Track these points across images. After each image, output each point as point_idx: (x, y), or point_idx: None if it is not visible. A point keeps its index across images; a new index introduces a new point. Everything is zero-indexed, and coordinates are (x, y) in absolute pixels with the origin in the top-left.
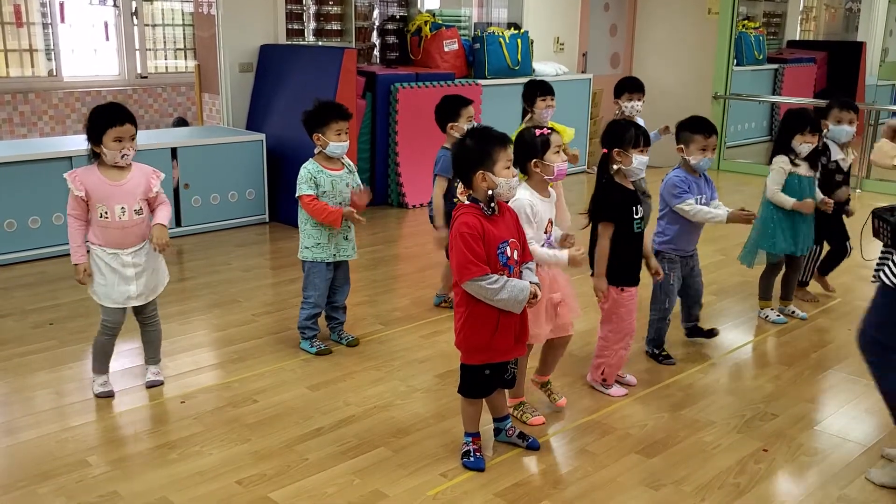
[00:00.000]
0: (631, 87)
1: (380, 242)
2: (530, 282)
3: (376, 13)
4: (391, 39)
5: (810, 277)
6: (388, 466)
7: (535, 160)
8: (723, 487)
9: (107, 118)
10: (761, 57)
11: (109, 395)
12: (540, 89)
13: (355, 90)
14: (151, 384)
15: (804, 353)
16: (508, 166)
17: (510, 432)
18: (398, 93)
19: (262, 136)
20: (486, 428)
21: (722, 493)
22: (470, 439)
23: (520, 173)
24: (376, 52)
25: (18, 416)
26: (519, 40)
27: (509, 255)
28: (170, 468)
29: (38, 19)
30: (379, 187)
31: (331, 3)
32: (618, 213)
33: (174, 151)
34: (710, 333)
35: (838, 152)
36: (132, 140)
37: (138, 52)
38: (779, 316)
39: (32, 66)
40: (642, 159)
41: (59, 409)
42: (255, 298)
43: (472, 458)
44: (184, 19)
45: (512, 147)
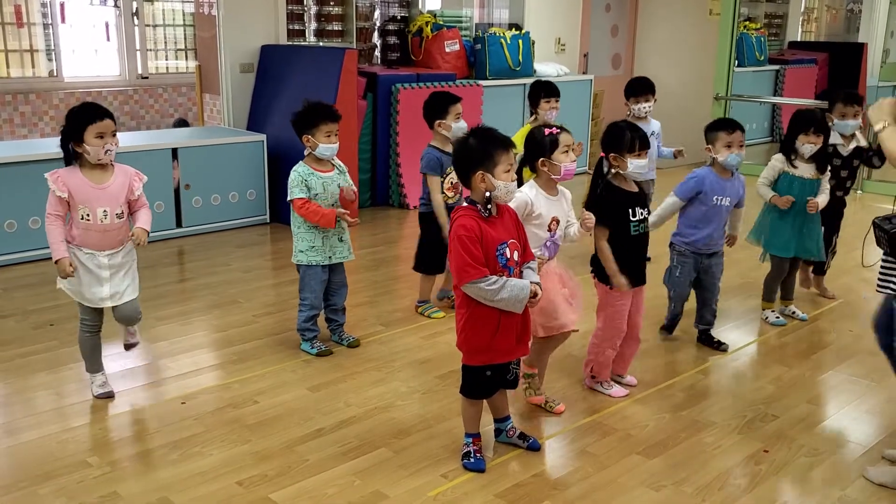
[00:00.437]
0: (639, 88)
1: (381, 243)
2: (531, 281)
3: (377, 14)
4: (392, 40)
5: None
6: (389, 467)
7: (542, 159)
8: (724, 488)
9: (86, 115)
10: (762, 58)
11: (109, 395)
12: (545, 90)
13: (356, 91)
14: (130, 345)
15: (805, 354)
16: (509, 170)
17: (511, 433)
18: (399, 93)
19: (263, 137)
20: (487, 429)
21: (723, 494)
22: (470, 440)
23: (529, 171)
24: (377, 53)
25: (19, 417)
26: (520, 41)
27: (509, 257)
28: (170, 469)
29: (39, 19)
30: (380, 188)
31: (332, 3)
32: (612, 217)
33: (175, 152)
34: (719, 346)
35: (838, 138)
36: (113, 136)
37: (139, 53)
38: (778, 318)
39: (33, 66)
40: (639, 163)
41: (59, 409)
42: (255, 299)
43: (473, 459)
44: (184, 20)
45: (513, 151)
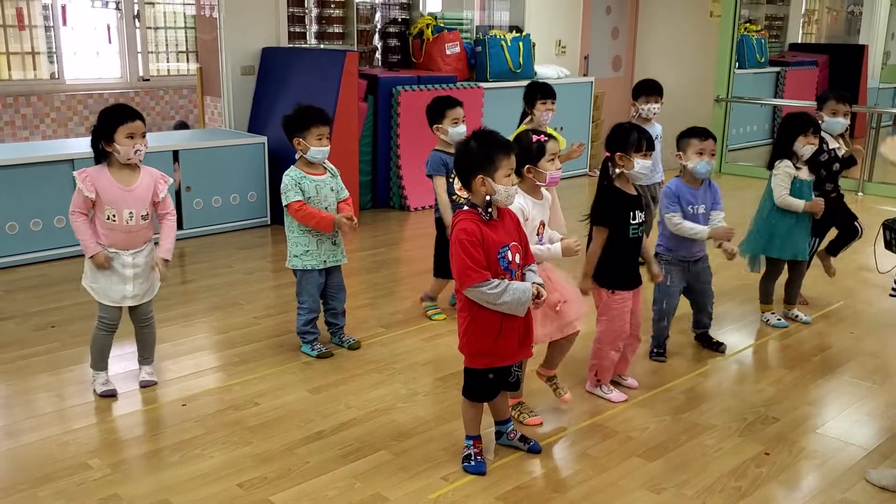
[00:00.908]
0: (648, 89)
1: (381, 245)
2: (533, 283)
3: (378, 16)
4: (393, 42)
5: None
6: (389, 470)
7: (529, 166)
8: (724, 491)
9: (118, 115)
10: (763, 60)
11: (112, 394)
12: (540, 92)
13: (357, 93)
14: (145, 384)
15: (806, 356)
16: (509, 174)
17: (511, 435)
18: (400, 96)
19: (264, 139)
20: (488, 431)
21: (723, 497)
22: (471, 442)
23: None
24: (378, 55)
25: (20, 419)
26: (521, 43)
27: (511, 259)
28: (171, 471)
29: (40, 22)
30: (381, 190)
31: (333, 6)
32: (613, 218)
33: (176, 154)
34: (717, 346)
35: (833, 142)
36: (143, 137)
37: (140, 55)
38: (780, 320)
39: (34, 68)
40: (645, 163)
41: (60, 411)
42: (256, 301)
43: (473, 462)
44: (186, 22)
45: (514, 156)
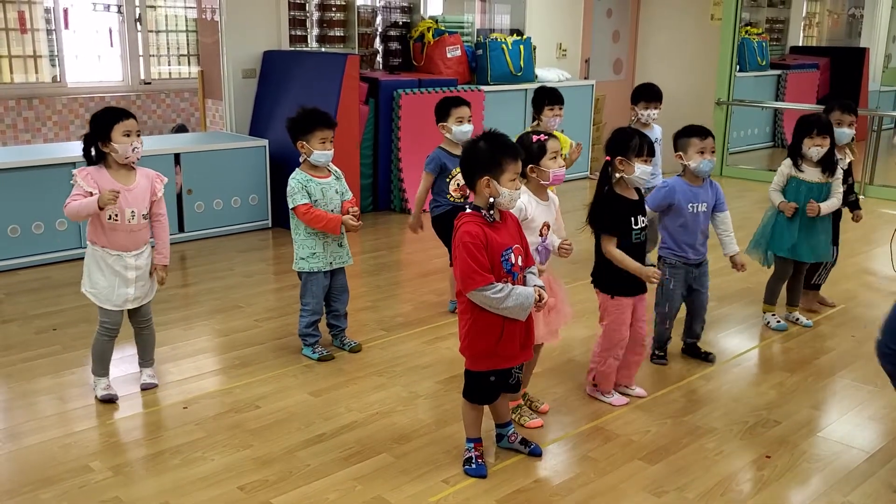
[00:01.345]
0: (648, 95)
1: (382, 248)
2: (534, 285)
3: (379, 19)
4: (394, 46)
5: (822, 281)
6: (390, 473)
7: (531, 165)
8: (725, 494)
9: (112, 115)
10: (764, 63)
11: (112, 399)
12: (548, 97)
13: (358, 96)
14: (146, 386)
15: (807, 359)
16: (514, 178)
17: (512, 438)
18: (401, 99)
19: (265, 142)
20: (489, 434)
21: (725, 500)
22: (472, 445)
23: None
24: (379, 59)
25: (21, 422)
26: (521, 46)
27: (513, 262)
28: (172, 474)
29: (42, 25)
30: (381, 193)
31: (334, 9)
32: (616, 225)
33: (177, 157)
34: (707, 357)
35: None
36: (138, 136)
37: (142, 58)
38: (779, 322)
39: (36, 71)
40: (645, 168)
41: (62, 414)
42: (257, 304)
43: (474, 465)
44: (187, 25)
45: (521, 161)
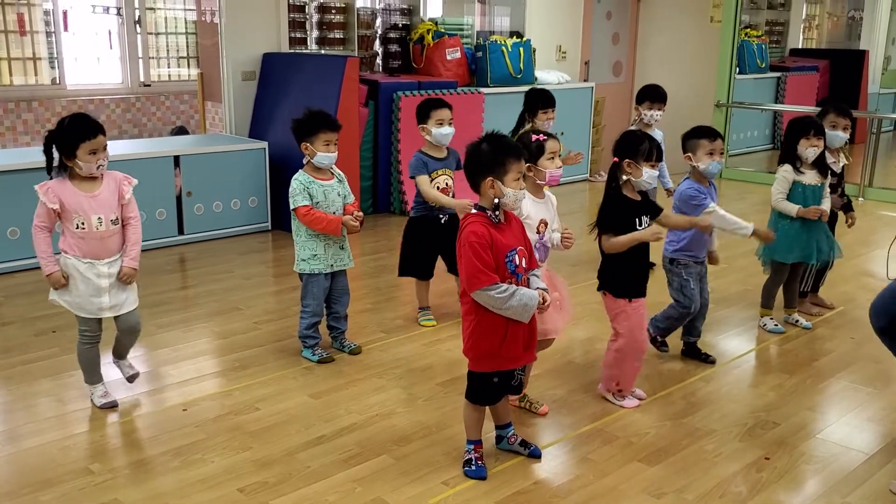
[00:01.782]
0: (653, 96)
1: (382, 250)
2: (538, 288)
3: (379, 22)
4: (394, 48)
5: (810, 288)
6: (390, 474)
7: (528, 164)
8: (725, 496)
9: (80, 132)
10: (764, 65)
11: (113, 405)
12: (541, 101)
13: (358, 98)
14: (132, 377)
15: (806, 361)
16: (518, 178)
17: (512, 440)
18: (401, 101)
19: (265, 145)
20: (489, 435)
21: (724, 502)
22: (472, 447)
23: None
24: (379, 61)
25: (21, 424)
26: (521, 49)
27: (517, 263)
28: (172, 476)
29: (42, 27)
30: (381, 195)
31: (333, 11)
32: (621, 227)
33: (177, 159)
34: (706, 359)
35: (828, 157)
36: (105, 150)
37: (141, 61)
38: (777, 325)
39: (36, 74)
40: (652, 173)
41: (61, 416)
42: (257, 306)
43: (474, 467)
44: (187, 27)
45: (524, 161)
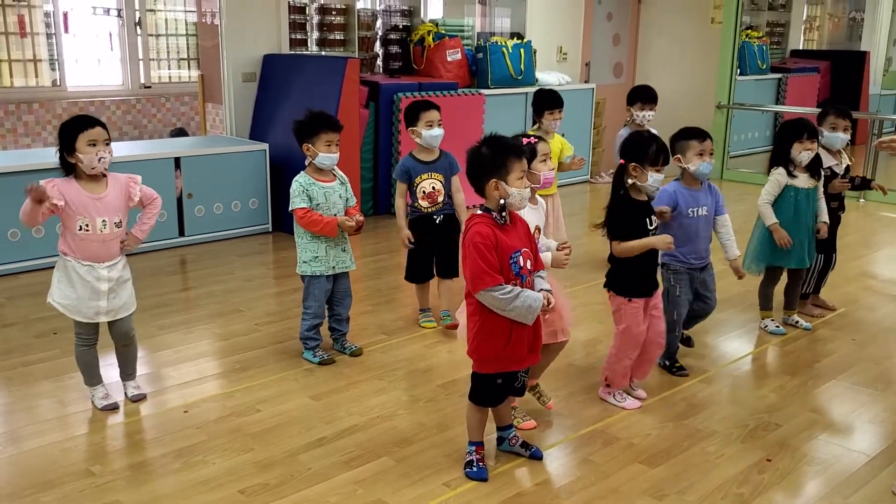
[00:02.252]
0: (645, 96)
1: (383, 252)
2: (542, 289)
3: (379, 23)
4: (394, 49)
5: (812, 290)
6: (391, 476)
7: None
8: (726, 497)
9: (77, 125)
10: (765, 66)
11: (114, 407)
12: (548, 102)
13: (358, 100)
14: (136, 398)
15: (807, 363)
16: (522, 177)
17: (513, 441)
18: (401, 102)
19: (266, 146)
20: (490, 437)
21: None
22: (473, 449)
23: None
24: (379, 62)
25: (22, 426)
26: (522, 50)
27: (522, 265)
28: (173, 477)
29: (42, 29)
30: (382, 197)
31: (334, 12)
32: (631, 230)
33: (177, 161)
34: (686, 342)
35: (830, 159)
36: (107, 145)
37: (142, 62)
38: (778, 327)
39: (36, 75)
40: (658, 177)
41: (62, 418)
42: (257, 308)
43: (475, 468)
44: (187, 29)
45: (525, 160)
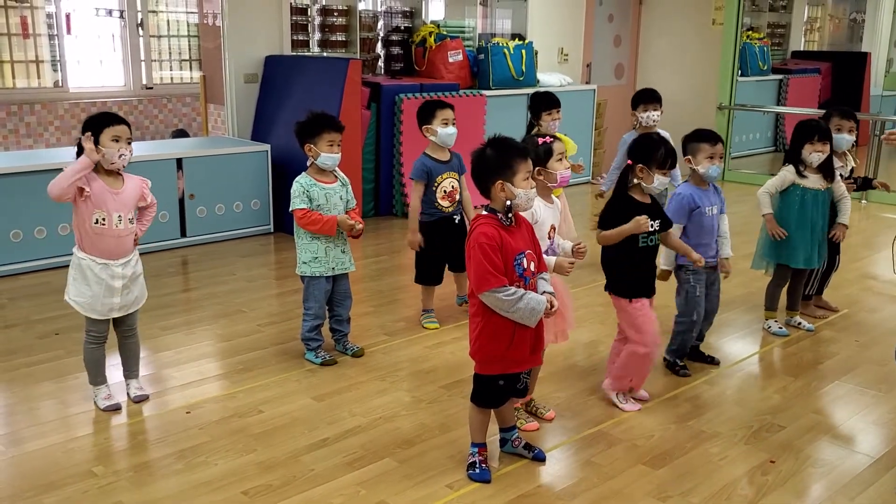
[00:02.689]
0: (647, 98)
1: (384, 253)
2: (545, 292)
3: (381, 24)
4: (396, 50)
5: (815, 291)
6: (394, 477)
7: (538, 168)
8: (730, 499)
9: (103, 120)
10: (766, 67)
11: (116, 408)
12: (545, 103)
13: (360, 101)
14: (139, 398)
15: (811, 364)
16: (527, 178)
17: (516, 443)
18: (403, 103)
19: (267, 147)
20: (492, 439)
21: None
22: (476, 450)
23: None
24: (381, 63)
25: (24, 427)
26: (523, 51)
27: (525, 267)
28: (176, 479)
29: (45, 30)
30: (383, 198)
31: (336, 14)
32: (620, 224)
33: (179, 162)
34: (712, 360)
35: (835, 161)
36: (129, 143)
37: (144, 63)
38: (781, 328)
39: (38, 77)
40: (663, 180)
41: (64, 419)
42: (259, 309)
43: (478, 470)
44: (189, 30)
45: (530, 160)
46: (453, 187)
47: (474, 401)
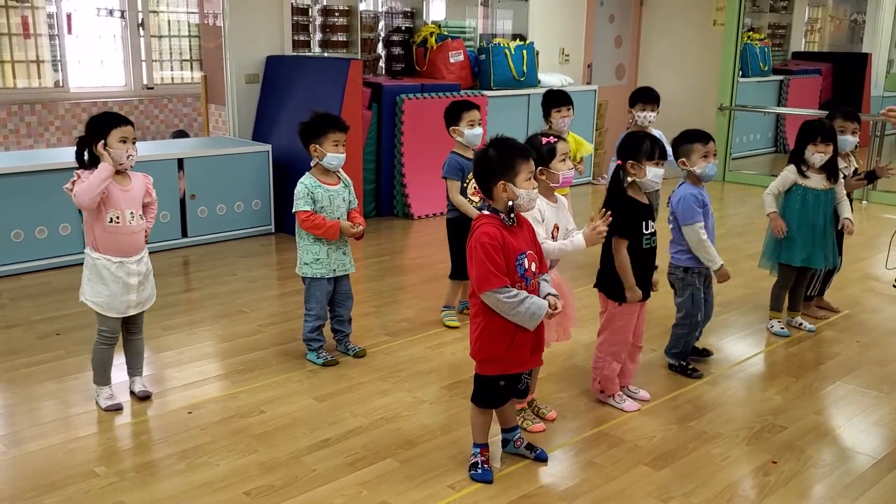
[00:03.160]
0: (645, 97)
1: (385, 253)
2: (549, 294)
3: (382, 24)
4: (397, 51)
5: (817, 292)
6: (396, 478)
7: (540, 168)
8: (732, 500)
9: (111, 119)
10: (766, 68)
11: (118, 408)
12: (554, 100)
13: (361, 101)
14: (144, 395)
15: (812, 364)
16: (530, 178)
17: (518, 443)
18: (404, 104)
19: (268, 147)
20: (494, 439)
21: None
22: (478, 450)
23: None
24: (382, 64)
25: (25, 427)
26: (524, 51)
27: (527, 267)
28: (177, 479)
29: (45, 30)
30: (384, 198)
31: (337, 14)
32: (630, 228)
33: (180, 162)
34: (704, 353)
35: (839, 162)
36: (134, 143)
37: (144, 63)
38: (783, 329)
39: (39, 76)
40: (657, 172)
41: (65, 419)
42: (261, 309)
43: (480, 470)
44: (190, 30)
45: (533, 160)
46: None
47: (475, 401)
